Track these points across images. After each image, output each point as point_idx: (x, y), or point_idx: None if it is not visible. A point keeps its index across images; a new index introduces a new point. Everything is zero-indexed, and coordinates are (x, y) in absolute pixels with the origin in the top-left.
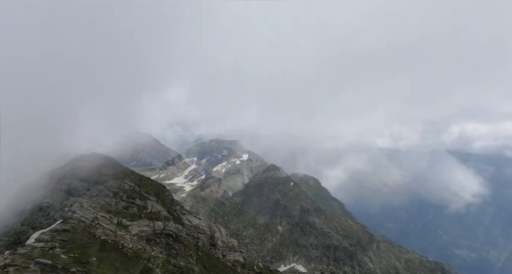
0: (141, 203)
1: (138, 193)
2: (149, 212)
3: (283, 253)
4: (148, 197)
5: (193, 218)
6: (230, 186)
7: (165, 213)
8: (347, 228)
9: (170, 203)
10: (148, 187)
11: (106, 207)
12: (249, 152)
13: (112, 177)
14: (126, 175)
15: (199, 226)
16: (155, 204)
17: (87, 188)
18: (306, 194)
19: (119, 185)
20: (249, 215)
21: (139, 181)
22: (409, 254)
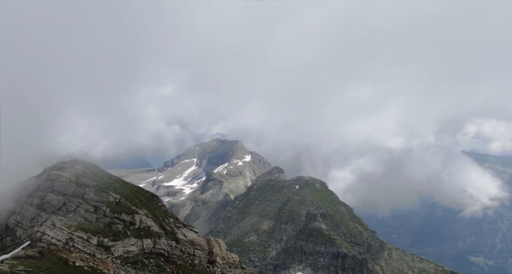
0: (128, 218)
1: (125, 206)
2: (137, 228)
3: (287, 261)
4: (137, 210)
5: (189, 231)
6: (231, 189)
7: (156, 228)
8: (356, 234)
9: (163, 215)
10: (137, 198)
11: (85, 225)
12: (252, 153)
13: (94, 187)
14: (111, 185)
15: (196, 241)
16: (144, 218)
17: (63, 203)
18: (313, 198)
19: (101, 197)
20: (251, 220)
21: (127, 191)
22: (423, 263)
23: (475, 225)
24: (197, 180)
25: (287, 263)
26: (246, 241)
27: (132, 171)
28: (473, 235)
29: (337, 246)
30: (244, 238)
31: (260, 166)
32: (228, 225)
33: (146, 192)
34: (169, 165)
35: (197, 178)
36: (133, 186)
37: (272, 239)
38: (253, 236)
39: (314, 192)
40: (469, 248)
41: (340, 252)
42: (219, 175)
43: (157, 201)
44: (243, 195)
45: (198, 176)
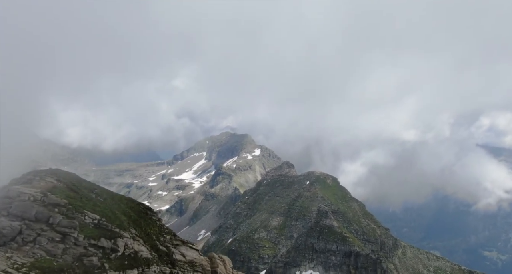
0: (109, 244)
1: (105, 229)
2: (120, 256)
3: (298, 259)
4: (121, 233)
5: (189, 250)
6: (241, 183)
7: (146, 252)
8: (369, 231)
9: (158, 233)
10: (125, 215)
11: (44, 261)
12: (262, 147)
13: (66, 207)
14: (89, 201)
15: (196, 261)
16: (130, 242)
17: (18, 230)
18: (324, 194)
19: (72, 220)
20: (261, 216)
21: (113, 207)
22: (439, 262)
23: (489, 218)
24: (206, 173)
25: (298, 260)
26: (256, 238)
27: (142, 164)
28: (486, 229)
29: (349, 244)
30: (253, 234)
31: (270, 160)
32: (237, 220)
33: (138, 205)
34: (179, 158)
35: (206, 171)
36: (122, 199)
37: (282, 235)
38: (262, 233)
39: (325, 188)
40: (482, 242)
41: (353, 251)
42: (229, 169)
43: (151, 215)
44: (253, 190)
45: (207, 169)
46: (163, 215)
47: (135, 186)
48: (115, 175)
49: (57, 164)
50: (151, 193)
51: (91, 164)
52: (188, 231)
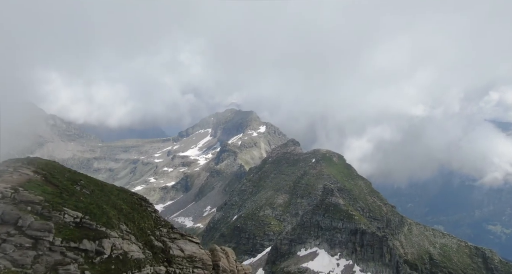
0: (92, 246)
1: (89, 228)
2: (106, 259)
3: (303, 236)
4: (107, 232)
5: (188, 243)
6: (246, 160)
7: (138, 252)
8: (375, 209)
9: (153, 226)
10: (115, 209)
11: None
12: (267, 124)
13: (41, 204)
14: (71, 196)
15: (196, 256)
16: (119, 241)
17: None
18: (330, 172)
19: (46, 222)
20: (266, 194)
21: (102, 200)
22: (445, 238)
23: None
24: (211, 150)
25: (303, 238)
26: (261, 215)
27: (147, 140)
28: (491, 203)
29: (355, 222)
30: (259, 212)
31: (275, 137)
32: (243, 198)
33: (131, 196)
34: (184, 135)
35: (211, 148)
36: (113, 189)
37: (288, 213)
38: (268, 210)
39: (331, 165)
40: (486, 216)
41: (359, 228)
42: (234, 146)
43: (146, 206)
44: (258, 167)
45: (212, 146)
46: (168, 191)
47: (141, 162)
48: (121, 151)
49: (63, 139)
50: (157, 169)
51: (97, 140)
52: (193, 207)
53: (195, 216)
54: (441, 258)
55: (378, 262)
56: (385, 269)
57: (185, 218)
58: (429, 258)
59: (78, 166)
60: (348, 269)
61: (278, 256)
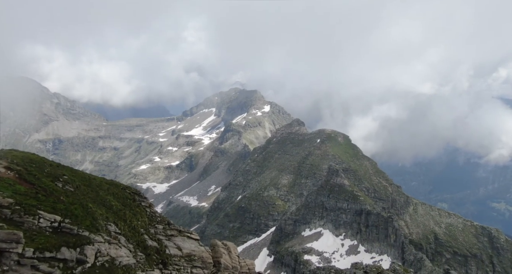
0: (72, 255)
1: (69, 234)
2: (88, 269)
3: (308, 217)
4: (91, 236)
5: (186, 241)
6: (251, 140)
7: (128, 256)
8: (380, 189)
9: (147, 224)
10: (103, 206)
11: None
12: (271, 103)
13: (10, 209)
14: (45, 198)
15: (195, 254)
16: (105, 246)
17: None
18: (335, 152)
19: (13, 231)
20: (271, 174)
21: (79, 201)
22: (451, 218)
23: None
24: (216, 129)
25: (307, 218)
26: (265, 195)
27: (152, 119)
28: (496, 181)
29: (360, 203)
30: (263, 192)
31: (280, 116)
32: (247, 178)
33: (122, 190)
34: (188, 114)
35: (215, 127)
36: (102, 184)
37: (292, 193)
38: (272, 190)
39: (336, 145)
40: (490, 194)
41: (364, 209)
42: (238, 126)
43: (139, 201)
44: (262, 148)
45: (216, 125)
46: (173, 170)
47: (145, 141)
48: (126, 130)
49: (68, 118)
50: (162, 148)
51: (101, 119)
52: (198, 186)
53: (200, 195)
54: (447, 237)
55: (383, 242)
56: (390, 249)
57: (189, 197)
58: (434, 238)
59: (84, 144)
60: (352, 249)
61: (283, 236)
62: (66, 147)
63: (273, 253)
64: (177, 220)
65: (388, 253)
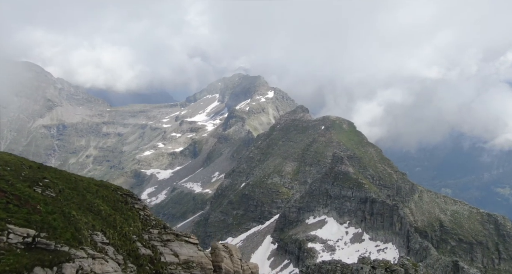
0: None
1: (44, 250)
2: None
3: (312, 204)
4: (71, 252)
5: (183, 246)
6: (254, 126)
7: (116, 271)
8: (385, 177)
9: (141, 228)
10: (84, 216)
11: None
12: (275, 89)
13: None
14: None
15: (194, 260)
16: (88, 262)
17: None
18: (339, 140)
19: None
20: (274, 161)
21: (60, 208)
22: (457, 205)
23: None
24: (219, 116)
25: (312, 206)
26: (269, 183)
27: (155, 105)
28: (501, 166)
29: (365, 191)
30: (267, 180)
31: (283, 102)
32: (251, 165)
33: (113, 191)
34: (192, 100)
35: (219, 114)
36: (90, 185)
37: (296, 181)
38: (276, 178)
39: (341, 132)
40: (495, 179)
41: (369, 197)
42: (241, 112)
43: (132, 203)
44: (266, 135)
45: (220, 111)
46: (177, 156)
47: (149, 127)
48: (130, 116)
49: (72, 103)
50: (165, 135)
51: (105, 104)
52: (202, 172)
53: (204, 182)
54: (452, 225)
55: (388, 230)
56: (395, 237)
57: (193, 183)
58: (440, 225)
59: (88, 130)
60: (357, 237)
61: (287, 223)
62: (70, 132)
63: (277, 241)
64: (181, 206)
65: (393, 242)
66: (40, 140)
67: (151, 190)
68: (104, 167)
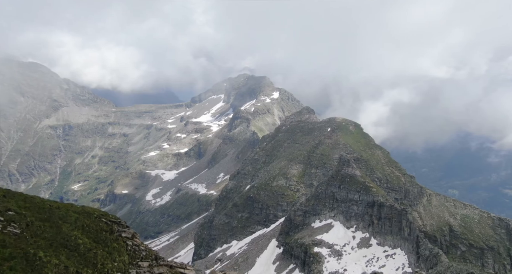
0: None
1: None
2: None
3: (318, 208)
4: None
5: None
6: (259, 127)
7: None
8: (393, 180)
9: (127, 263)
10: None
11: None
12: (280, 90)
13: None
14: None
15: None
16: None
17: None
18: (346, 142)
19: None
20: (280, 164)
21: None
22: (467, 209)
23: None
24: (224, 116)
25: (318, 209)
26: (274, 185)
27: (161, 106)
28: (509, 167)
29: (372, 194)
30: (272, 182)
31: (289, 103)
32: (256, 167)
33: (97, 219)
34: (197, 100)
35: (224, 114)
36: (68, 213)
37: (302, 183)
38: (281, 180)
39: (348, 134)
40: (503, 180)
41: (376, 201)
42: (247, 112)
43: (119, 232)
44: (271, 136)
45: (225, 112)
46: (182, 157)
47: (154, 127)
48: (135, 116)
49: (78, 104)
50: (170, 135)
51: (111, 105)
52: (206, 174)
53: (208, 183)
54: (462, 229)
55: (397, 235)
56: (404, 243)
57: (198, 184)
58: (449, 230)
59: (93, 130)
60: (364, 242)
61: (292, 227)
62: (76, 133)
63: (282, 245)
64: (186, 207)
65: (402, 247)
66: (46, 140)
67: (156, 191)
68: (110, 168)
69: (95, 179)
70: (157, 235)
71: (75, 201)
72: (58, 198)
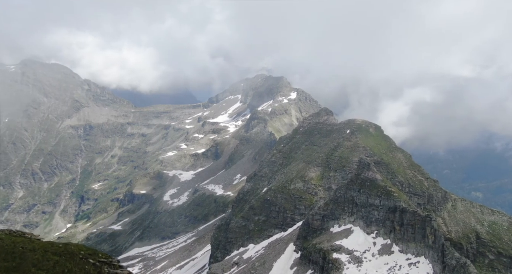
0: None
1: None
2: None
3: (337, 212)
4: None
5: None
6: (277, 128)
7: None
8: (415, 184)
9: None
10: None
11: None
12: (298, 90)
13: None
14: None
15: None
16: None
17: None
18: (366, 144)
19: None
20: (297, 166)
21: None
22: (495, 215)
23: None
24: (241, 117)
25: (336, 214)
26: (292, 188)
27: (178, 106)
28: None
29: (394, 199)
30: (289, 185)
31: (306, 103)
32: (273, 169)
33: (81, 261)
34: (214, 100)
35: (241, 115)
36: (46, 256)
37: (320, 187)
38: (299, 183)
39: (368, 137)
40: None
41: (398, 206)
42: (264, 113)
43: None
44: (288, 138)
45: (242, 113)
46: (199, 158)
47: (172, 127)
48: (153, 116)
49: (98, 104)
50: (188, 135)
51: (130, 105)
52: (223, 174)
53: (225, 184)
54: (490, 236)
55: (420, 243)
56: (428, 251)
57: (215, 185)
58: (476, 237)
59: (113, 130)
60: (385, 249)
61: (310, 231)
62: (96, 132)
63: (300, 249)
64: (203, 208)
65: (426, 255)
66: (68, 140)
67: (173, 192)
68: (128, 167)
69: (115, 178)
70: (174, 236)
71: (95, 200)
72: (79, 198)
